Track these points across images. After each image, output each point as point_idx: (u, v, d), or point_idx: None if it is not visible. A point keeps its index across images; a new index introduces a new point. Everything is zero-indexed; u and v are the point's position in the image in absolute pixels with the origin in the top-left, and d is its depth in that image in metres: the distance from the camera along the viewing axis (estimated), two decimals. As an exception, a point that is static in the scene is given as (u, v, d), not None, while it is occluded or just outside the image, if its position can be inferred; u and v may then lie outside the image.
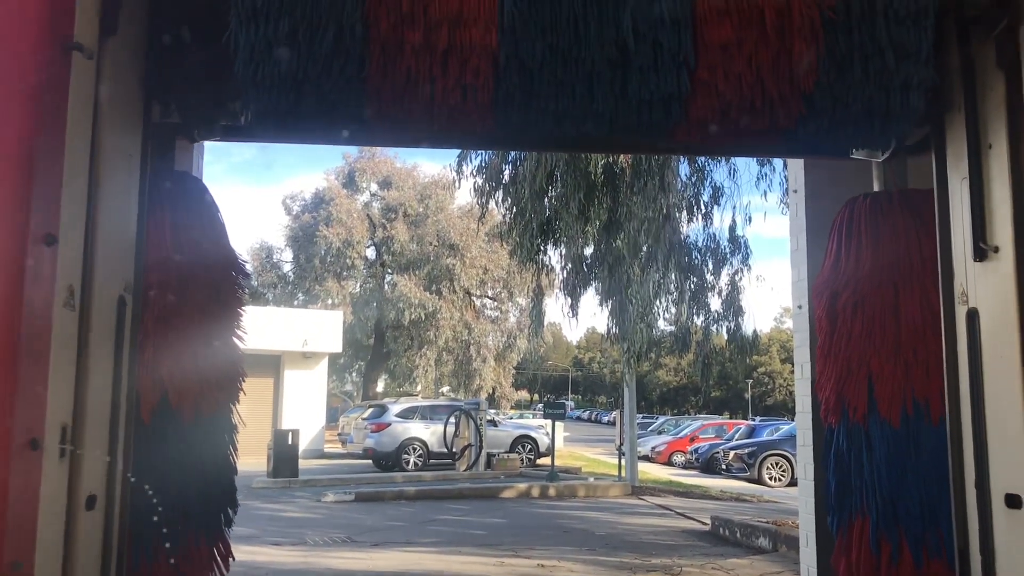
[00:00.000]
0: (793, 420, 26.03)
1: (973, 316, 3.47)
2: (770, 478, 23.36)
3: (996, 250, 3.30)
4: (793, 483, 21.00)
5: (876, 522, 3.88)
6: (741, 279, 19.10)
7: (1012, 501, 3.17)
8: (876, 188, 4.32)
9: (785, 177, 14.10)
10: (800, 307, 6.07)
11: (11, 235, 2.42)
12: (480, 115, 3.38)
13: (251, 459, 21.82)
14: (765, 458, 23.91)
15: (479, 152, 18.74)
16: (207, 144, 4.73)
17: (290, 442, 20.48)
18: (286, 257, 46.90)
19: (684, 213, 18.63)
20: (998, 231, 3.29)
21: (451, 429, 23.50)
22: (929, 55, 3.29)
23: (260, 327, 27.67)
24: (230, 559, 4.06)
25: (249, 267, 4.33)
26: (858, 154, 4.19)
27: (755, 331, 21.11)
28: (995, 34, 3.28)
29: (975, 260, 3.40)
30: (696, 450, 29.70)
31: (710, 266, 19.20)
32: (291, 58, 3.11)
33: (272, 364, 29.81)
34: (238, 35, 3.13)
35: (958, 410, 3.56)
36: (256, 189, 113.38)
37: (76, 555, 2.88)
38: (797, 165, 6.11)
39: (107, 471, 3.19)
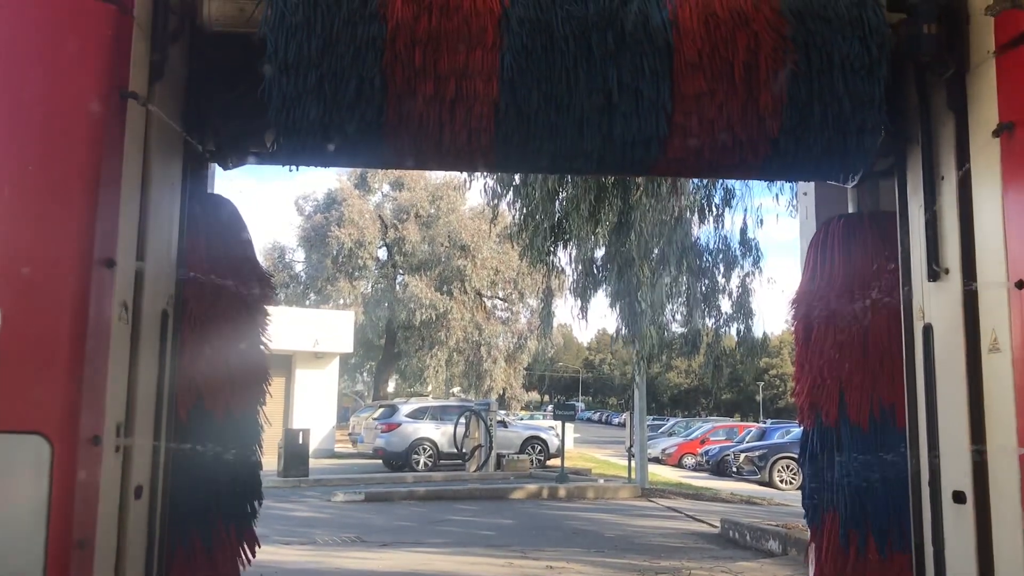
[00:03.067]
0: (801, 423, 26.08)
1: (928, 331, 3.85)
2: (781, 481, 23.29)
3: (947, 271, 3.68)
4: (801, 485, 21.03)
5: (845, 517, 4.26)
6: (752, 281, 19.08)
7: (958, 497, 3.55)
8: (851, 210, 4.70)
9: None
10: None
11: (79, 260, 2.84)
12: (483, 154, 3.85)
13: (262, 458, 22.10)
14: (776, 461, 23.82)
15: (490, 156, 18.81)
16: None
17: (301, 441, 20.58)
18: (298, 257, 47.27)
19: (695, 215, 18.71)
20: (948, 254, 3.67)
21: (461, 430, 23.59)
22: (881, 101, 3.69)
23: (272, 327, 27.80)
24: (256, 546, 4.48)
25: (271, 277, 4.76)
26: (829, 180, 4.58)
27: (765, 333, 21.19)
28: (945, 78, 3.67)
29: (929, 280, 3.78)
30: (707, 452, 29.62)
31: (721, 268, 19.19)
32: (318, 105, 3.55)
33: (284, 364, 29.99)
34: (271, 86, 3.57)
35: (916, 414, 3.94)
36: (268, 188, 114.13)
37: (127, 538, 3.30)
38: (806, 168, 6.37)
39: (151, 464, 3.60)
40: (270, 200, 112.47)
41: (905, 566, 4.12)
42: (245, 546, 4.42)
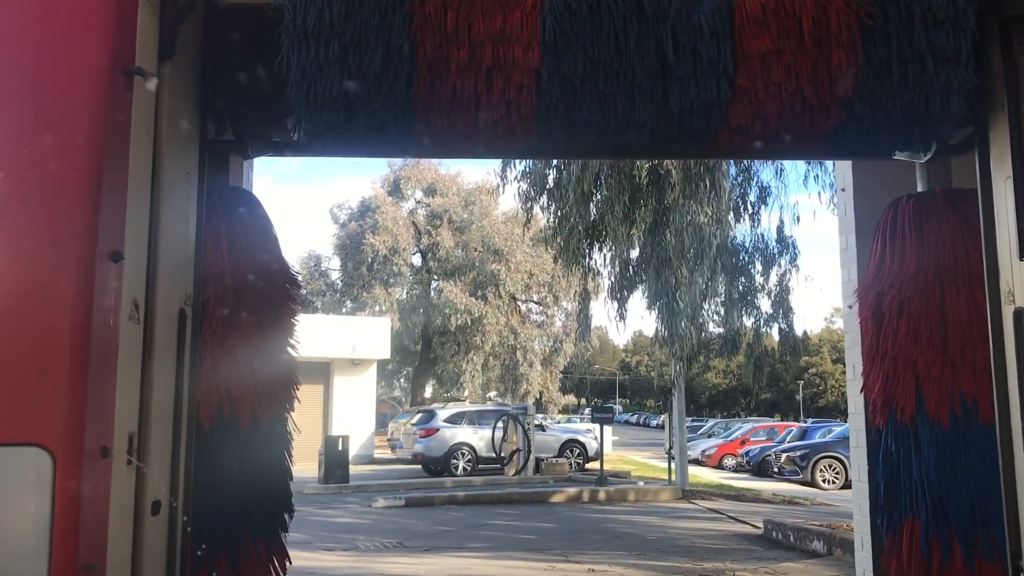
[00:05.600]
0: (846, 421, 25.66)
1: (1020, 315, 3.46)
2: (823, 480, 23.01)
3: None
4: (847, 485, 20.69)
5: (926, 523, 3.88)
6: (790, 279, 18.88)
7: None
8: (920, 188, 4.32)
9: (834, 176, 13.97)
10: (851, 307, 6.02)
11: (80, 253, 2.55)
12: (524, 128, 3.48)
13: (302, 465, 21.98)
14: (818, 460, 23.52)
15: (523, 159, 18.76)
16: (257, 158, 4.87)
17: (340, 448, 20.66)
18: (334, 265, 47.44)
19: (731, 214, 18.49)
20: None
21: (499, 434, 23.51)
22: (969, 57, 3.30)
23: (310, 334, 27.87)
24: (287, 562, 4.19)
25: (299, 276, 4.46)
26: (900, 156, 4.20)
27: (805, 331, 20.88)
28: None
29: (1020, 259, 3.40)
30: (747, 453, 29.33)
31: (758, 267, 19.01)
32: (341, 78, 3.23)
33: (322, 371, 30.10)
34: (290, 57, 3.26)
35: (1007, 411, 3.55)
36: (302, 195, 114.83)
37: (143, 558, 3.01)
38: (845, 164, 6.08)
39: (170, 477, 3.32)
40: (305, 209, 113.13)
41: (996, 576, 3.74)
42: (275, 562, 4.13)
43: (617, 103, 3.37)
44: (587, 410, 58.15)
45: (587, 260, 19.39)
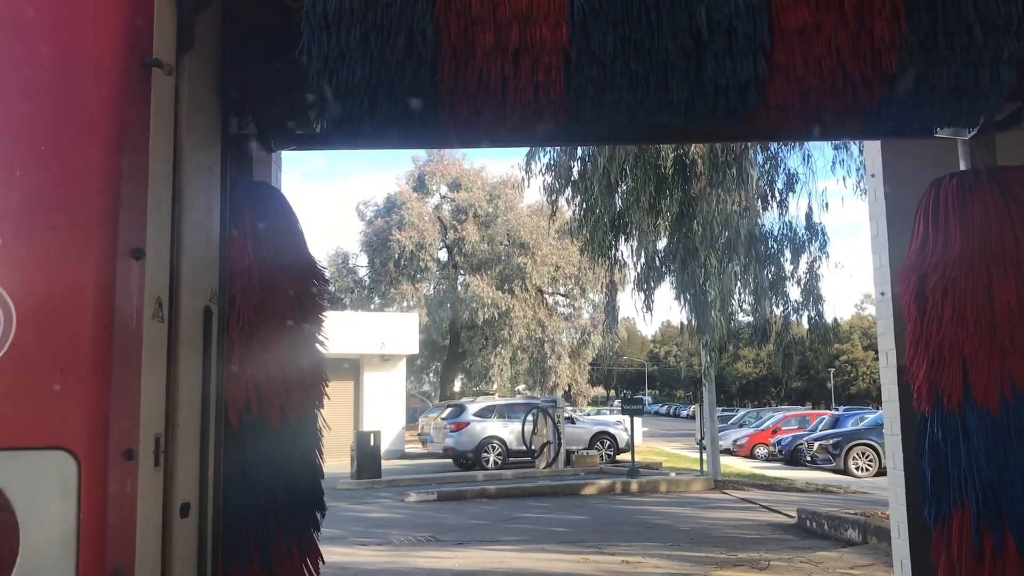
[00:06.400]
0: (878, 408, 25.36)
1: None
2: (857, 468, 22.78)
3: None
4: (881, 473, 20.45)
5: (977, 513, 3.73)
6: (819, 267, 18.64)
7: None
8: (963, 167, 4.17)
9: (862, 162, 13.74)
10: (883, 293, 5.89)
11: (100, 250, 2.48)
12: (553, 111, 3.37)
13: (334, 461, 22.16)
14: (851, 448, 23.30)
15: (547, 150, 18.69)
16: (284, 153, 4.81)
17: (372, 443, 20.71)
18: (361, 262, 47.62)
19: (759, 202, 18.32)
20: None
21: (529, 427, 23.49)
22: (1020, 25, 3.15)
23: (339, 331, 27.97)
24: (320, 562, 4.12)
25: (327, 273, 4.39)
26: (943, 133, 4.05)
27: (835, 319, 20.64)
28: None
29: None
30: (779, 442, 29.12)
31: (787, 254, 18.78)
32: (364, 65, 3.13)
33: (352, 367, 30.22)
34: (311, 45, 3.17)
35: None
36: (329, 193, 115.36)
37: (173, 562, 2.95)
38: (874, 148, 5.94)
39: (199, 478, 3.26)
40: (332, 207, 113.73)
41: (1052, 568, 3.59)
42: (308, 561, 4.07)
43: (649, 82, 3.25)
44: (616, 402, 58.00)
45: (613, 252, 19.31)
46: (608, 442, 26.31)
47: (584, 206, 18.70)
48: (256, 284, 3.83)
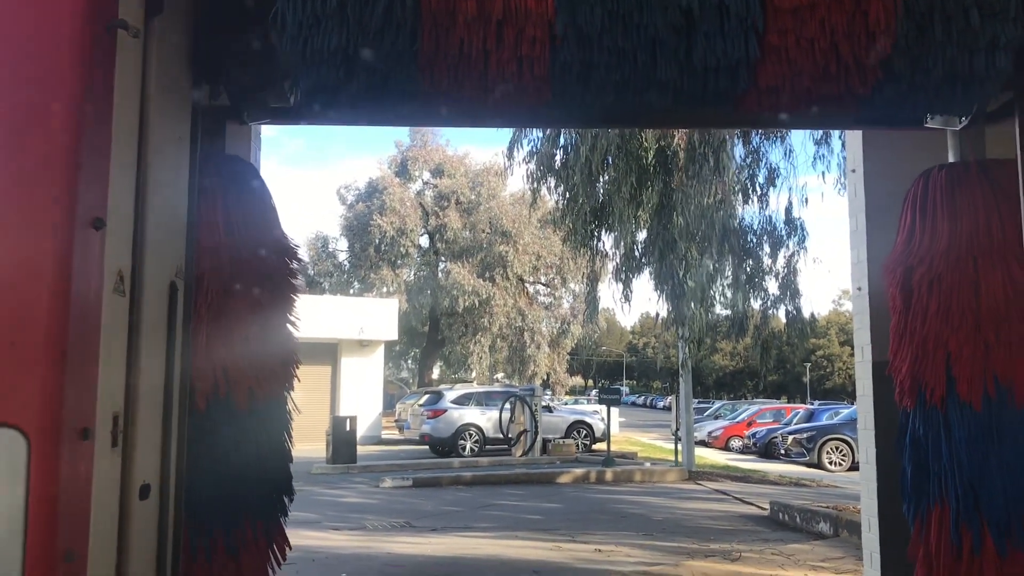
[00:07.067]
0: (853, 403, 25.49)
1: None
2: (830, 463, 22.89)
3: None
4: (854, 467, 20.53)
5: (956, 510, 3.69)
6: (798, 261, 18.71)
7: None
8: (952, 159, 4.10)
9: (843, 157, 13.74)
10: (860, 289, 5.87)
11: (58, 219, 2.35)
12: (537, 88, 3.25)
13: (310, 445, 22.06)
14: (825, 442, 23.40)
15: (530, 138, 18.60)
16: (263, 136, 4.67)
17: (348, 428, 20.61)
18: (341, 246, 47.32)
19: (739, 195, 18.34)
20: None
21: (506, 415, 23.46)
22: (1018, 12, 3.06)
23: (317, 315, 27.94)
24: (287, 548, 4.02)
25: (305, 256, 4.27)
26: (933, 123, 3.98)
27: (812, 314, 20.75)
28: None
29: None
30: (754, 435, 29.26)
31: (766, 248, 18.84)
32: (340, 32, 3.01)
33: (329, 352, 30.06)
34: (285, 10, 3.04)
35: None
36: (310, 177, 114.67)
37: (130, 546, 2.83)
38: (856, 144, 5.91)
39: (161, 460, 3.14)
40: (313, 191, 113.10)
41: (1031, 566, 3.55)
42: (275, 546, 3.97)
43: (637, 60, 3.13)
44: (594, 391, 58.14)
45: (595, 242, 19.28)
46: (585, 431, 26.36)
47: (566, 196, 18.65)
48: (226, 261, 3.72)
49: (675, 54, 3.14)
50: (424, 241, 46.22)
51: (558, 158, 18.50)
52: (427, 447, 25.24)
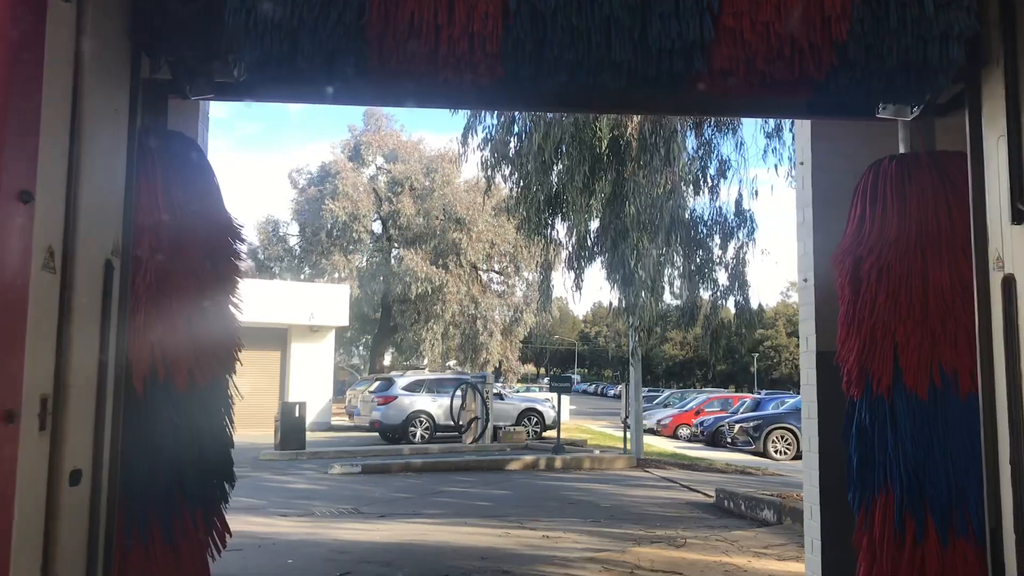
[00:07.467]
0: (798, 393, 25.90)
1: (1009, 282, 3.27)
2: (775, 451, 23.20)
3: None
4: (799, 456, 20.79)
5: (901, 498, 3.71)
6: (747, 253, 18.95)
7: None
8: (902, 150, 4.12)
9: (794, 150, 13.90)
10: (806, 280, 5.92)
11: (-19, 191, 2.24)
12: (488, 66, 3.17)
13: (259, 431, 21.79)
14: (770, 431, 23.71)
15: (485, 125, 18.53)
16: (213, 117, 4.53)
17: (297, 415, 20.39)
18: (292, 231, 46.77)
19: (691, 187, 18.48)
20: None
21: (458, 402, 23.40)
22: (972, 2, 3.07)
23: (267, 300, 27.59)
24: (227, 535, 3.92)
25: (256, 240, 4.16)
26: (884, 113, 3.99)
27: (761, 305, 21.04)
28: None
29: (1013, 223, 3.20)
30: (701, 423, 29.54)
31: (716, 240, 19.05)
32: (285, 3, 2.90)
33: (279, 337, 29.70)
34: None
35: (992, 382, 3.37)
36: (263, 161, 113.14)
37: (59, 533, 2.72)
38: (804, 137, 5.95)
39: (94, 444, 3.02)
40: (265, 174, 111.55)
41: (971, 553, 3.59)
42: (214, 534, 3.86)
43: (591, 39, 3.08)
44: (546, 380, 58.30)
45: (548, 230, 19.31)
46: (535, 419, 26.40)
47: (521, 183, 18.62)
48: (166, 240, 3.59)
49: (630, 34, 3.09)
50: (377, 227, 45.89)
51: (512, 146, 18.46)
52: (377, 434, 25.09)
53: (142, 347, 3.49)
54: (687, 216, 18.60)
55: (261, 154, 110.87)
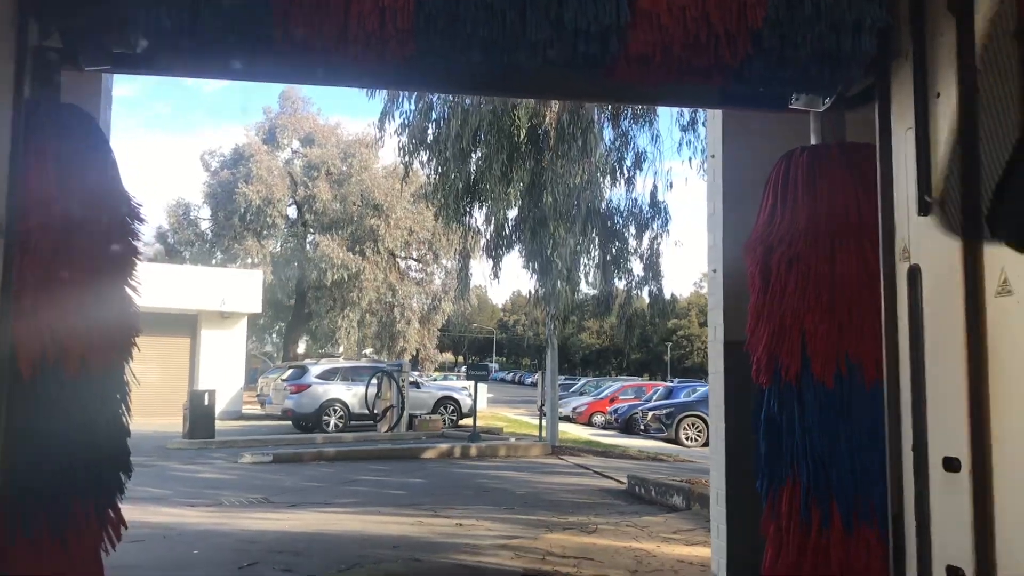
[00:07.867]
0: (711, 382, 26.49)
1: (914, 273, 3.33)
2: (687, 438, 23.68)
3: (942, 204, 3.15)
4: (708, 443, 21.32)
5: (807, 486, 3.76)
6: (661, 244, 19.34)
7: (950, 464, 3.05)
8: (813, 141, 4.17)
9: (706, 143, 14.13)
10: (715, 271, 6.00)
11: None
12: (400, 42, 3.06)
13: (167, 420, 21.25)
14: (682, 419, 24.21)
15: (402, 110, 18.35)
16: (117, 94, 4.30)
17: (206, 403, 19.97)
18: (204, 214, 45.63)
19: (607, 178, 18.68)
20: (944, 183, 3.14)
21: (373, 391, 23.22)
22: (882, -6, 3.10)
23: (176, 285, 26.85)
24: (123, 528, 3.75)
25: (165, 223, 3.97)
26: (797, 104, 4.03)
27: (674, 295, 21.44)
28: None
29: (919, 214, 3.25)
30: (616, 411, 29.93)
31: (632, 230, 19.35)
32: None
33: (188, 324, 28.99)
34: None
35: (896, 371, 3.43)
36: (175, 143, 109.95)
37: None
38: (716, 131, 6.03)
39: (-26, 434, 2.84)
40: (177, 156, 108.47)
41: (873, 540, 3.65)
42: (109, 528, 3.68)
43: (506, 17, 3.00)
44: (463, 368, 58.30)
45: (467, 218, 19.31)
46: (452, 407, 26.40)
47: (439, 170, 18.53)
48: (57, 218, 3.39)
49: (546, 13, 3.02)
50: (292, 212, 45.17)
51: (431, 132, 18.33)
52: (290, 423, 24.74)
53: (30, 331, 3.29)
54: (604, 207, 18.82)
55: (173, 135, 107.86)
